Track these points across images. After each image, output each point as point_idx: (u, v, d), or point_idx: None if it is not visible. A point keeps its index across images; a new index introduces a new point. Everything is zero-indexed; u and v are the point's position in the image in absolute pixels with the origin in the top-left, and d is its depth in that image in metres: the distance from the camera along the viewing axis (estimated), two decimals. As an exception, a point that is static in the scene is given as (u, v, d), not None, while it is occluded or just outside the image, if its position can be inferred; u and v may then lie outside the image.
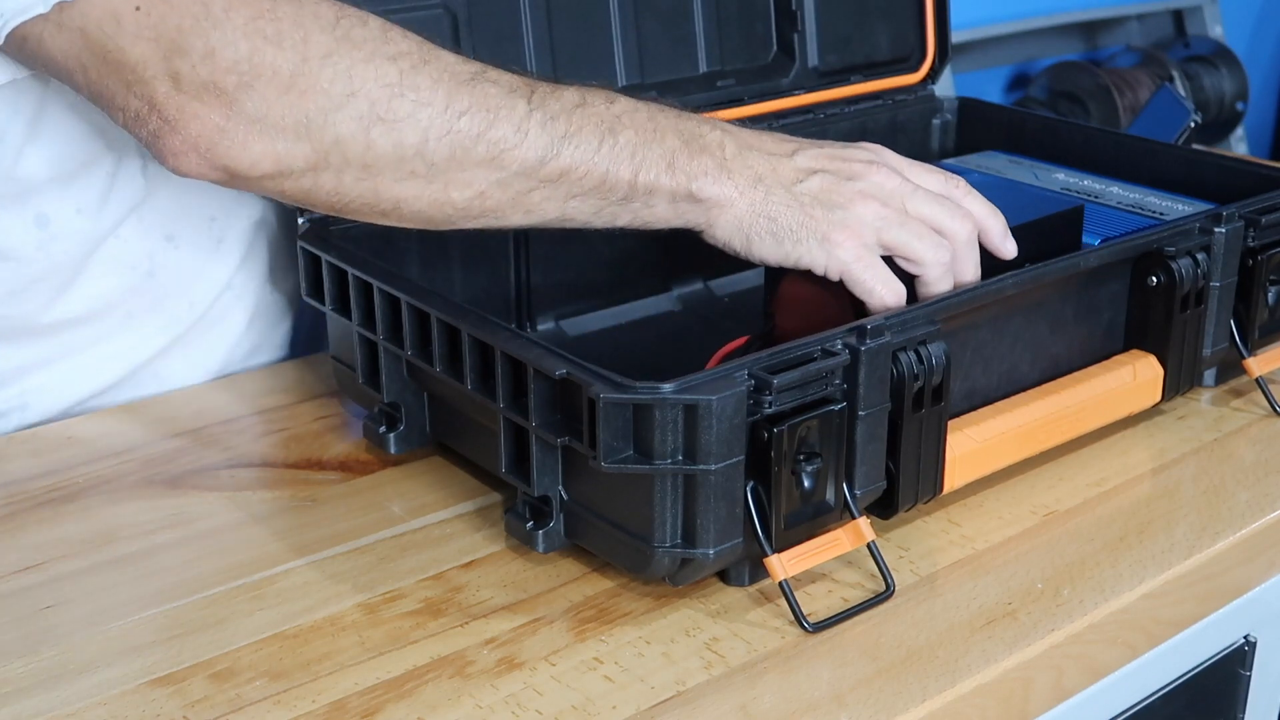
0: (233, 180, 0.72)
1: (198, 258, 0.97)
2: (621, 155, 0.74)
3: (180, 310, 0.98)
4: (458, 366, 0.77)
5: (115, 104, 0.72)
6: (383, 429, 0.86)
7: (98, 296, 0.93)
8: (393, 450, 0.86)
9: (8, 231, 0.88)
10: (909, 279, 0.78)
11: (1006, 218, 0.82)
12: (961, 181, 0.82)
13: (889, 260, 0.78)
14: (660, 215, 0.77)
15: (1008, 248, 0.81)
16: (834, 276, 0.77)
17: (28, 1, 0.71)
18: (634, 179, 0.75)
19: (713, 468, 0.67)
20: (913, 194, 0.79)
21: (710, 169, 0.76)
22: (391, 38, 0.72)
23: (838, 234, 0.76)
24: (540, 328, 1.00)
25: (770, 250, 0.77)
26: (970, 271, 0.80)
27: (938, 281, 0.78)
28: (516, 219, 0.75)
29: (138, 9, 0.69)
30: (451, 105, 0.72)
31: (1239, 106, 2.53)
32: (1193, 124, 1.29)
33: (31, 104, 0.84)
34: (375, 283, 0.82)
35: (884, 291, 0.77)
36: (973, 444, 0.79)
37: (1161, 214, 0.95)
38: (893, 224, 0.77)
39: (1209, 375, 0.96)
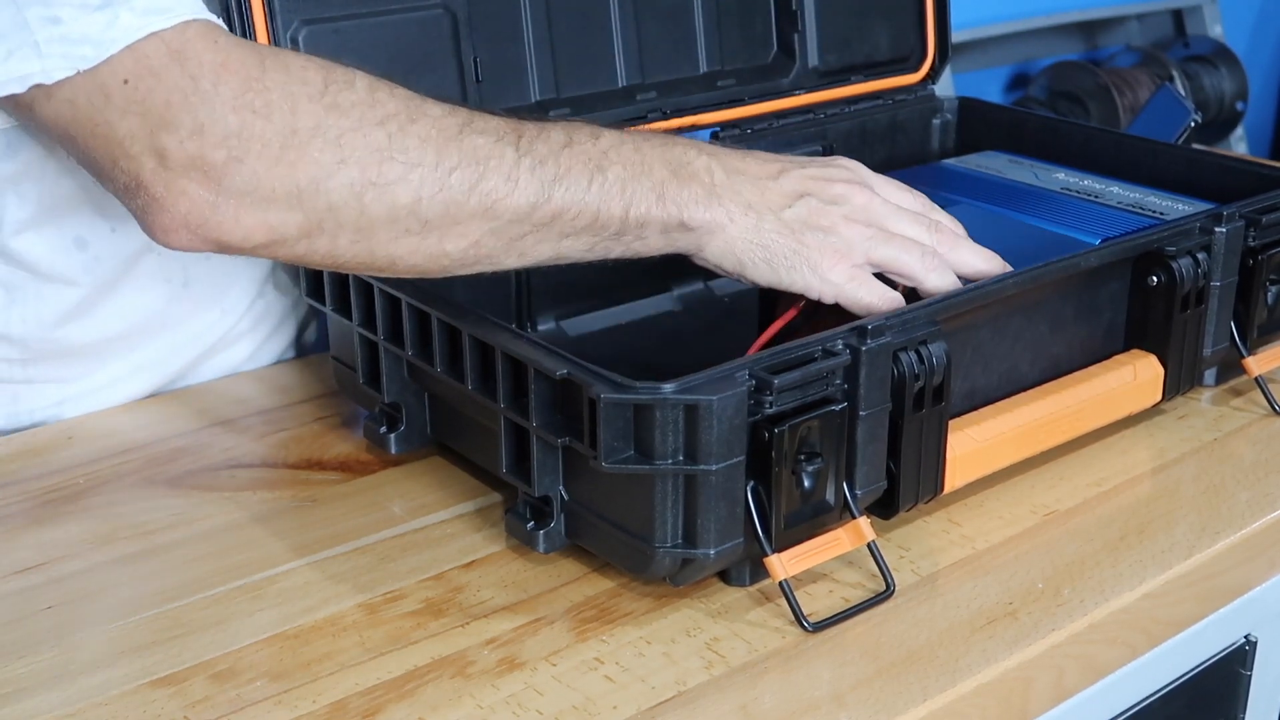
0: (226, 250, 0.71)
1: (231, 266, 0.98)
2: (611, 192, 0.75)
3: (213, 318, 0.98)
4: (458, 367, 0.77)
5: (105, 175, 0.71)
6: (383, 429, 0.86)
7: (136, 312, 0.94)
8: (393, 450, 0.86)
9: (53, 258, 0.89)
10: (906, 291, 0.80)
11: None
12: (928, 200, 0.85)
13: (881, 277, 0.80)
14: (653, 245, 0.78)
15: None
16: (828, 300, 0.79)
17: (12, 75, 0.69)
18: (625, 214, 0.75)
19: (713, 468, 0.67)
20: (894, 214, 0.81)
21: (700, 196, 0.77)
22: (379, 99, 0.71)
23: (828, 259, 0.78)
24: (540, 328, 1.00)
25: (764, 275, 0.79)
26: (970, 260, 0.81)
27: (937, 284, 0.80)
28: (511, 262, 0.76)
29: (125, 83, 0.68)
30: (442, 162, 0.71)
31: (1239, 106, 2.53)
32: (1193, 124, 1.29)
33: None
34: (376, 283, 0.82)
35: (881, 305, 0.78)
36: (973, 444, 0.79)
37: (1161, 214, 0.95)
38: (879, 242, 0.79)
39: (1209, 375, 0.96)
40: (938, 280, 0.79)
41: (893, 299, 0.79)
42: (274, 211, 0.70)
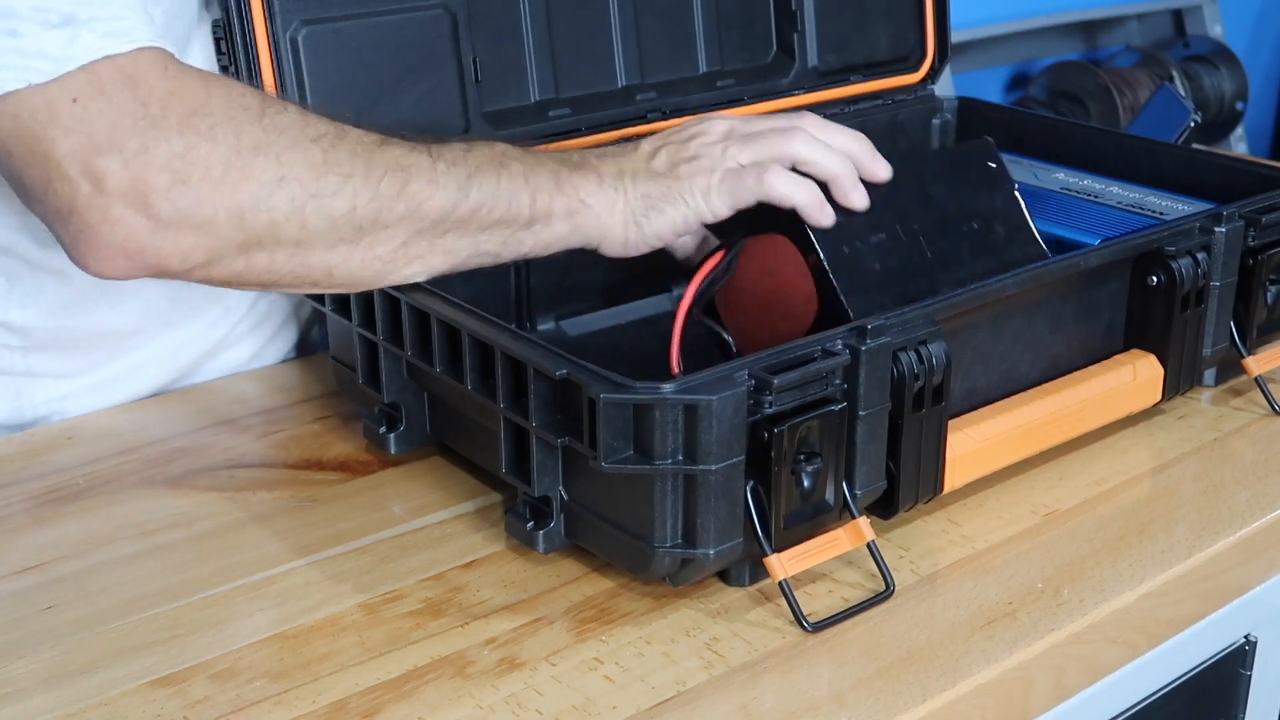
0: (162, 275, 0.72)
1: None
2: (517, 182, 0.78)
3: (214, 317, 0.99)
4: (458, 367, 0.77)
5: (35, 197, 0.70)
6: (383, 429, 0.86)
7: (136, 308, 0.94)
8: (393, 450, 0.86)
9: (44, 249, 0.88)
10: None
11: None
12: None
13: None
14: (558, 233, 0.81)
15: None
16: (722, 213, 0.81)
17: None
18: (532, 202, 0.79)
19: (713, 468, 0.67)
20: (749, 120, 0.84)
21: (591, 180, 0.81)
22: (310, 120, 0.74)
23: (700, 180, 0.81)
24: (540, 328, 1.00)
25: (657, 226, 0.81)
26: (840, 138, 0.83)
27: (801, 150, 0.81)
28: (437, 261, 0.78)
29: (74, 101, 0.68)
30: (371, 171, 0.74)
31: (1239, 106, 2.53)
32: (1193, 124, 1.29)
33: None
34: (375, 283, 0.82)
35: (770, 177, 0.80)
36: (973, 444, 0.79)
37: (1161, 214, 0.95)
38: (740, 145, 0.82)
39: (1209, 375, 0.96)
40: (801, 146, 0.81)
41: (779, 170, 0.80)
42: (213, 233, 0.70)
